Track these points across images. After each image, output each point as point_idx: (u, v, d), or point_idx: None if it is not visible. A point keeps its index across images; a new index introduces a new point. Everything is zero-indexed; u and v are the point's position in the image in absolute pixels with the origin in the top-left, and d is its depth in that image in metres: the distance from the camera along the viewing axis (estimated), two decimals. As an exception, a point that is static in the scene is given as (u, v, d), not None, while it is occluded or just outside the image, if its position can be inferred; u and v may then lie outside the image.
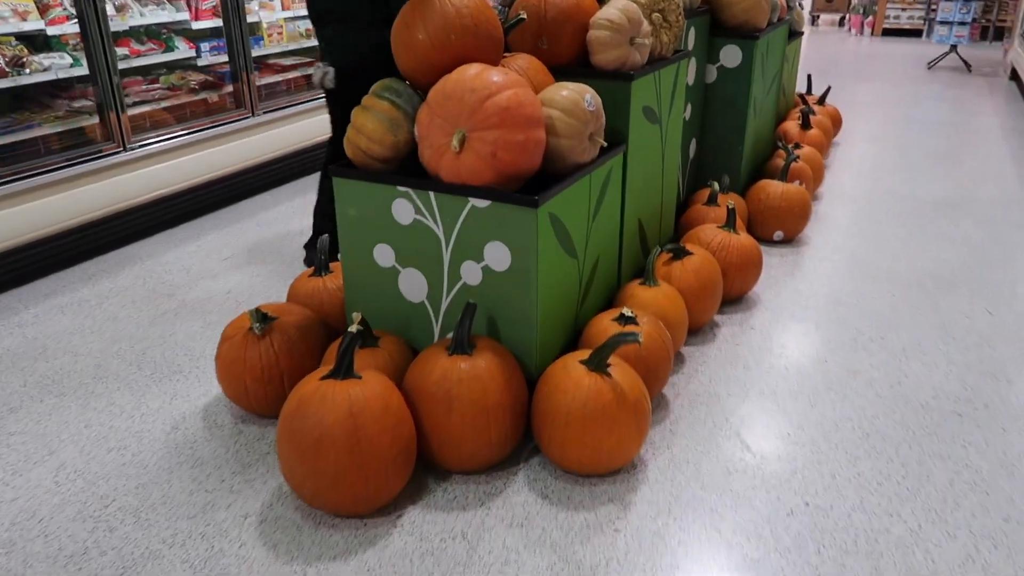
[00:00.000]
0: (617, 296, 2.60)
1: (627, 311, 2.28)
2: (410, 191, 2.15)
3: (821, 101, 5.32)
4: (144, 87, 4.01)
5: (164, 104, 3.94)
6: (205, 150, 3.95)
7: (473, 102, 2.00)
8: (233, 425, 2.28)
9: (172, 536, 1.86)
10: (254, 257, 3.53)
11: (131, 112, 3.72)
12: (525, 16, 2.41)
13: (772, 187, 3.61)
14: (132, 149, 3.60)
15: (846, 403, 2.40)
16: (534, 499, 1.98)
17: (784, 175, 3.66)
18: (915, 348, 2.73)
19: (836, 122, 5.36)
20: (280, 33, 4.85)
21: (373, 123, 2.16)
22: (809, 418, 2.32)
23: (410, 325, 2.31)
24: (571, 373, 2.00)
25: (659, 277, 2.72)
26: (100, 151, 3.50)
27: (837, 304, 3.06)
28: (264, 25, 4.72)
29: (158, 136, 3.74)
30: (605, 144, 2.27)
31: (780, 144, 4.07)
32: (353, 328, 1.88)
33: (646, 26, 2.58)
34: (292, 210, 4.17)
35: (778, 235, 3.63)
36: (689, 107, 3.49)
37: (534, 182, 2.18)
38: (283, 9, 4.83)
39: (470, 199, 2.07)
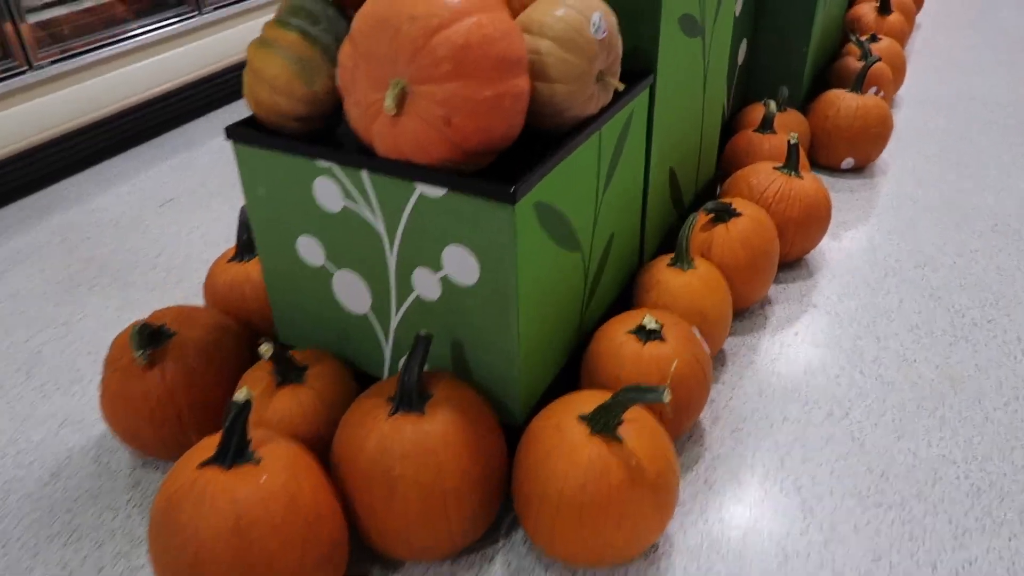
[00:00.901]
0: (639, 279, 1.95)
1: (649, 320, 1.65)
2: (334, 167, 1.49)
3: (900, -28, 4.33)
4: (61, -18, 3.25)
5: (85, 4, 3.19)
6: (140, 62, 3.24)
7: (414, 37, 1.30)
8: (129, 472, 1.75)
9: (17, 669, 1.37)
10: (200, 200, 2.91)
11: (38, 18, 3.00)
12: None
13: (843, 102, 2.82)
14: (41, 67, 2.91)
15: (945, 432, 1.78)
16: (514, 605, 1.44)
17: (859, 84, 2.86)
18: (1034, 337, 2.07)
19: (919, 1, 4.39)
20: (236, -97, 3.96)
21: (277, 65, 1.47)
22: (896, 460, 1.71)
23: (352, 340, 1.71)
24: (566, 437, 1.40)
25: (696, 250, 2.05)
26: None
27: (925, 267, 2.37)
28: None
29: (74, 48, 3.03)
30: (621, 87, 1.55)
31: (853, 39, 3.23)
32: (242, 395, 1.29)
33: None
34: (254, 131, 3.48)
35: (848, 163, 2.89)
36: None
37: (517, 145, 1.51)
38: None
39: (416, 184, 1.40)
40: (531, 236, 1.41)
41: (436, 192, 1.39)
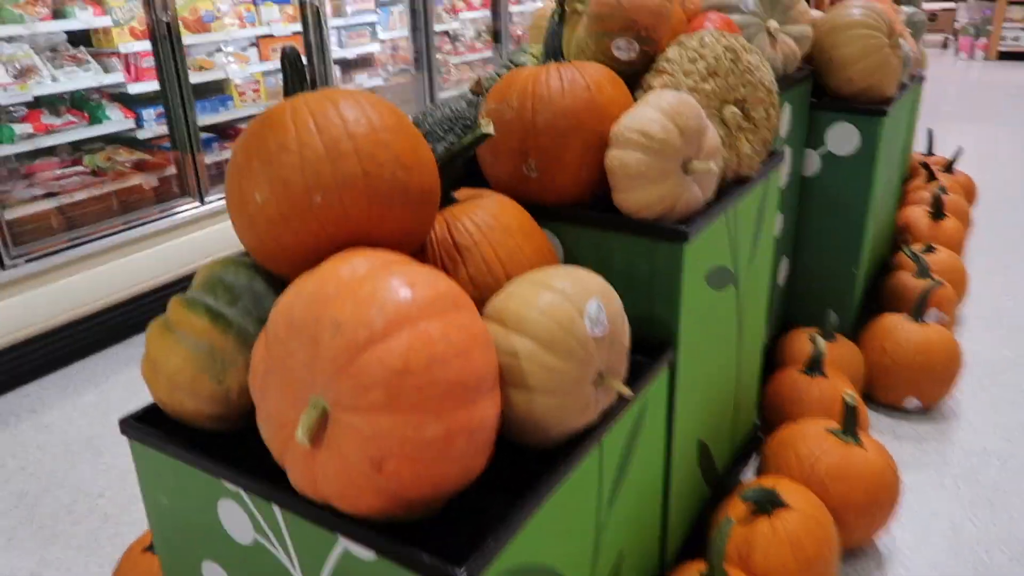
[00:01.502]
0: (656, 601, 1.50)
1: None
2: (242, 493, 1.12)
3: (949, 168, 4.06)
4: (58, 172, 3.13)
5: (80, 196, 3.04)
6: (124, 257, 3.03)
7: (336, 352, 0.96)
8: None
9: None
10: (164, 417, 2.57)
11: (25, 212, 2.83)
12: (491, 129, 1.34)
13: (902, 332, 2.43)
14: (16, 265, 2.70)
15: None
16: None
17: (919, 310, 2.48)
18: None
19: (971, 197, 4.10)
20: (257, 91, 3.93)
21: (179, 357, 1.15)
22: None
23: None
24: None
25: (733, 555, 1.61)
26: (-32, 271, 2.62)
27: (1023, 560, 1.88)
28: (235, 82, 3.81)
29: (55, 244, 2.83)
30: (628, 394, 1.18)
31: (906, 251, 2.89)
32: None
33: (712, 135, 1.49)
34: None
35: (912, 403, 2.46)
36: (780, 217, 2.36)
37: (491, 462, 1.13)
38: (260, 60, 3.92)
39: (339, 537, 1.03)
40: (493, 620, 1.00)
41: (364, 554, 1.00)
